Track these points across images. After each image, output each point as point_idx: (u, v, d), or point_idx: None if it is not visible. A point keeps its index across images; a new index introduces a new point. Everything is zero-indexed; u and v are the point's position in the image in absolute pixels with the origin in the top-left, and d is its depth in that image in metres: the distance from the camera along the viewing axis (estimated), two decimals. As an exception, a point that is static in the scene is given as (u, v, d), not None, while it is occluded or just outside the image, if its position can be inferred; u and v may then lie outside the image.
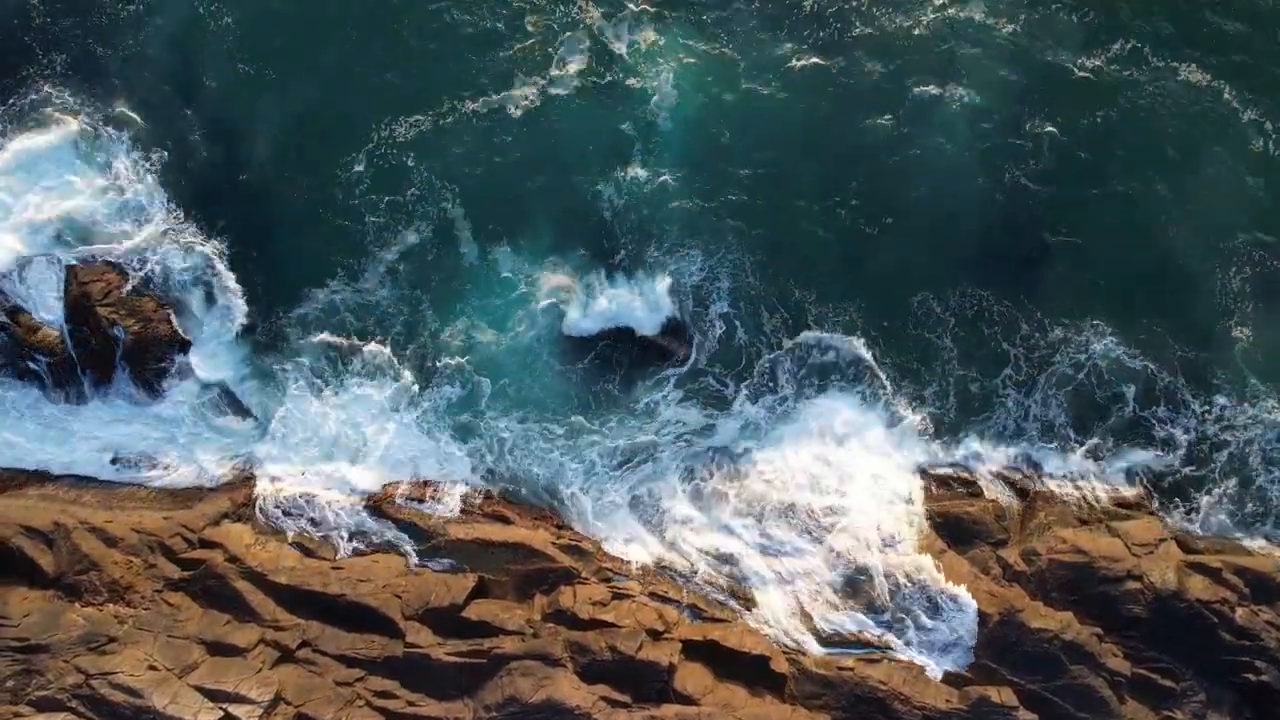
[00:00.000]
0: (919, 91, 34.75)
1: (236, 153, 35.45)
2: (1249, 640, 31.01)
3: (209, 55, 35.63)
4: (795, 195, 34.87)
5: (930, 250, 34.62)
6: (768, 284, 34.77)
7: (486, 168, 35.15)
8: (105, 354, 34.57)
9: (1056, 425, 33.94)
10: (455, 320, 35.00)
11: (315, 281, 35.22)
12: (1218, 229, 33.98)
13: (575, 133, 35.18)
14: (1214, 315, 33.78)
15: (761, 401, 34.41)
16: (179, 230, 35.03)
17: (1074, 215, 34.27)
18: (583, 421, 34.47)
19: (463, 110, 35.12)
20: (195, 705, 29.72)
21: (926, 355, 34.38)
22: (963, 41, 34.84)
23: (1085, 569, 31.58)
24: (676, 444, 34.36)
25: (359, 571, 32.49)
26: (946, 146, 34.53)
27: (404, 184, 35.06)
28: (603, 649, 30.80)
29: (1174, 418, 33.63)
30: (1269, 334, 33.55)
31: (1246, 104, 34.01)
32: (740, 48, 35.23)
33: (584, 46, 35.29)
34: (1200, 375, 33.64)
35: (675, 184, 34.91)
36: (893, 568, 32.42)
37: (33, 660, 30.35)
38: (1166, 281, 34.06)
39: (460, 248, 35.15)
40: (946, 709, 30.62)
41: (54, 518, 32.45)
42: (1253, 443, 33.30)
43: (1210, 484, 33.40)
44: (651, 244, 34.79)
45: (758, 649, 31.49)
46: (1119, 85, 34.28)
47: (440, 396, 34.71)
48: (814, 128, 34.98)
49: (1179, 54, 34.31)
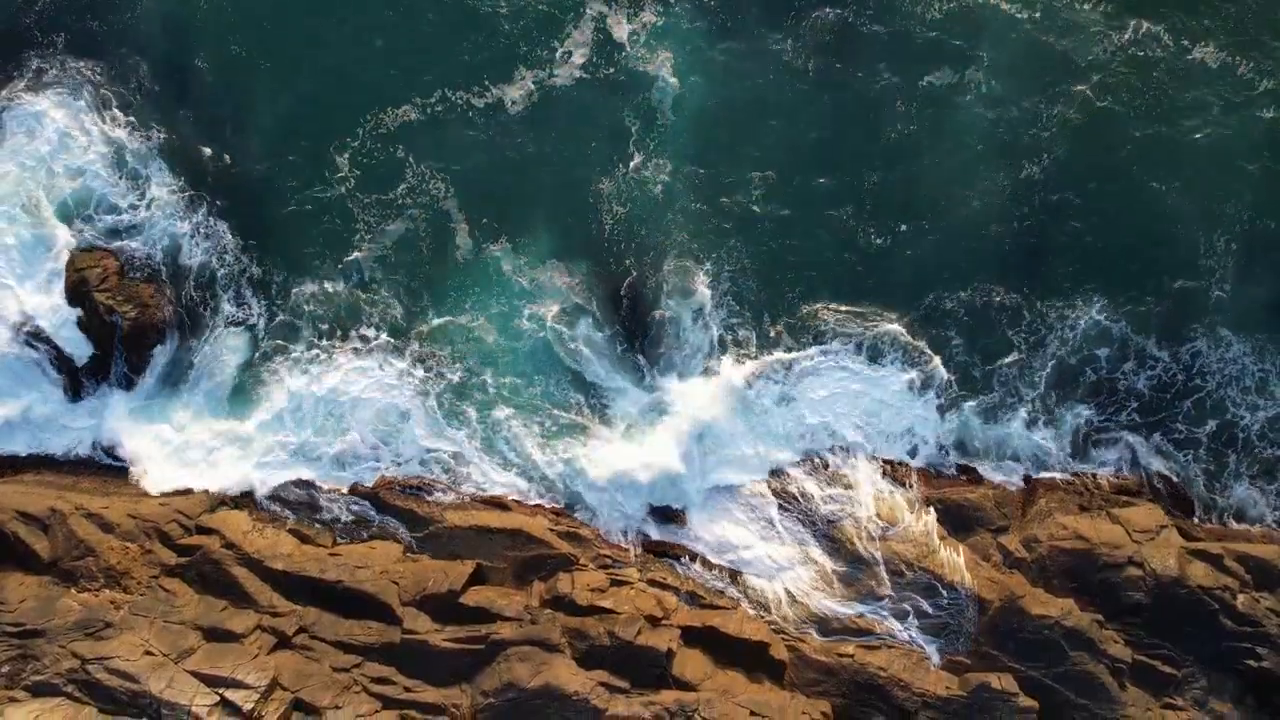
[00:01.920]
0: (928, 80, 34.47)
1: (228, 142, 35.33)
2: (1250, 627, 30.87)
3: (203, 38, 35.44)
4: (800, 188, 34.70)
5: (939, 242, 34.40)
6: (769, 277, 34.62)
7: (484, 160, 34.95)
8: (103, 340, 34.48)
9: (1057, 411, 33.86)
10: (453, 313, 34.85)
11: (310, 271, 35.03)
12: (1229, 219, 33.77)
13: (576, 125, 35.04)
14: (1226, 301, 33.67)
15: (767, 389, 34.29)
16: (170, 218, 34.92)
17: (1083, 205, 34.00)
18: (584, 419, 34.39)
19: (460, 101, 34.93)
20: (191, 690, 29.57)
21: (934, 344, 34.19)
22: (970, 24, 34.63)
23: (1086, 556, 31.47)
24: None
25: (356, 558, 32.37)
26: (955, 134, 34.45)
27: (397, 177, 34.84)
28: (601, 635, 30.69)
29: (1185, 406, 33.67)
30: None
31: (1263, 76, 33.65)
32: (745, 36, 35.02)
33: (586, 33, 35.10)
34: (1207, 360, 33.56)
35: (677, 179, 34.75)
36: (894, 554, 32.31)
37: (29, 645, 30.24)
38: (1174, 269, 33.84)
39: (457, 240, 34.94)
40: (946, 695, 30.49)
41: (50, 503, 32.34)
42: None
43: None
44: (652, 255, 34.66)
45: (757, 635, 31.37)
46: (1133, 67, 34.04)
47: (440, 391, 34.56)
48: (820, 114, 34.85)
49: (1192, 33, 34.01)
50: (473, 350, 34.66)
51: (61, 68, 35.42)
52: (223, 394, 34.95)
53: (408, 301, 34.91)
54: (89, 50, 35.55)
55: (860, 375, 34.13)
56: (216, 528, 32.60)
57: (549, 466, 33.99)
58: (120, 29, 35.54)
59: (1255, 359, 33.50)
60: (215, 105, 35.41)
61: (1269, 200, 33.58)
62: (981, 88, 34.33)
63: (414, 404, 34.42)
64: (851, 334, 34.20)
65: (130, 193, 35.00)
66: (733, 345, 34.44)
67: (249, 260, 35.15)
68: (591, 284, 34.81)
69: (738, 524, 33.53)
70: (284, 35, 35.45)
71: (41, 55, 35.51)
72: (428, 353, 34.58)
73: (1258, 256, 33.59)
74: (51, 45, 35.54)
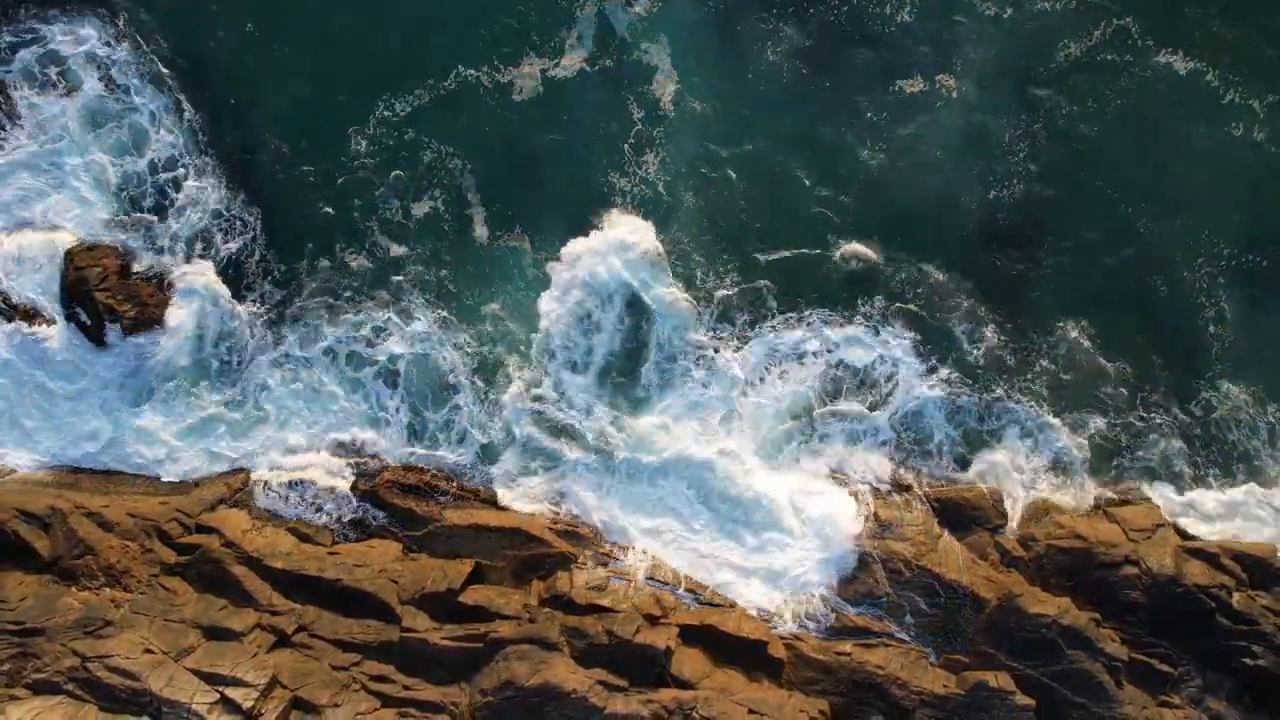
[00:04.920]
0: (909, 77, 34.81)
1: (240, 131, 35.41)
2: (1246, 625, 30.97)
3: (220, 19, 35.51)
4: (789, 183, 34.92)
5: (934, 239, 34.71)
6: (760, 271, 34.81)
7: (495, 147, 35.07)
8: (101, 339, 34.46)
9: (1046, 421, 33.98)
10: (462, 305, 35.02)
11: (324, 259, 35.20)
12: (1202, 220, 34.04)
13: (578, 116, 35.13)
14: (1197, 310, 33.92)
15: (759, 391, 34.39)
16: (186, 204, 35.14)
17: (1059, 209, 34.28)
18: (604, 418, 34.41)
19: (470, 86, 34.97)
20: (191, 688, 29.64)
21: (922, 348, 34.36)
22: (950, 26, 34.85)
23: (1083, 554, 31.58)
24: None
25: (355, 557, 32.47)
26: (939, 135, 34.69)
27: (409, 164, 34.97)
28: (600, 633, 30.77)
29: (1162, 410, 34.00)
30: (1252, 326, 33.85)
31: (1229, 86, 34.04)
32: (743, 27, 35.10)
33: (589, 23, 35.16)
34: (1186, 371, 33.96)
35: (674, 172, 34.93)
36: (891, 554, 32.39)
37: (29, 644, 30.31)
38: (1147, 274, 34.07)
39: (473, 230, 35.02)
40: (944, 693, 30.57)
41: (50, 502, 32.45)
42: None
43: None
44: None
45: (755, 634, 31.45)
46: (1103, 71, 34.28)
47: (440, 386, 34.70)
48: (809, 115, 35.11)
49: (1163, 38, 34.23)
50: (477, 341, 34.85)
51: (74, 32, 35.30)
52: (223, 389, 35.00)
53: (418, 294, 35.02)
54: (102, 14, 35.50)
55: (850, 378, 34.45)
56: (216, 526, 32.68)
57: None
58: (134, 10, 35.47)
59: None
60: (220, 95, 35.50)
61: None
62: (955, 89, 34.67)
63: (417, 399, 34.59)
64: (836, 339, 34.44)
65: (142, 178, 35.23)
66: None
67: (260, 252, 35.30)
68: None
69: (736, 522, 33.66)
70: (291, 26, 35.55)
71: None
72: (435, 346, 34.64)
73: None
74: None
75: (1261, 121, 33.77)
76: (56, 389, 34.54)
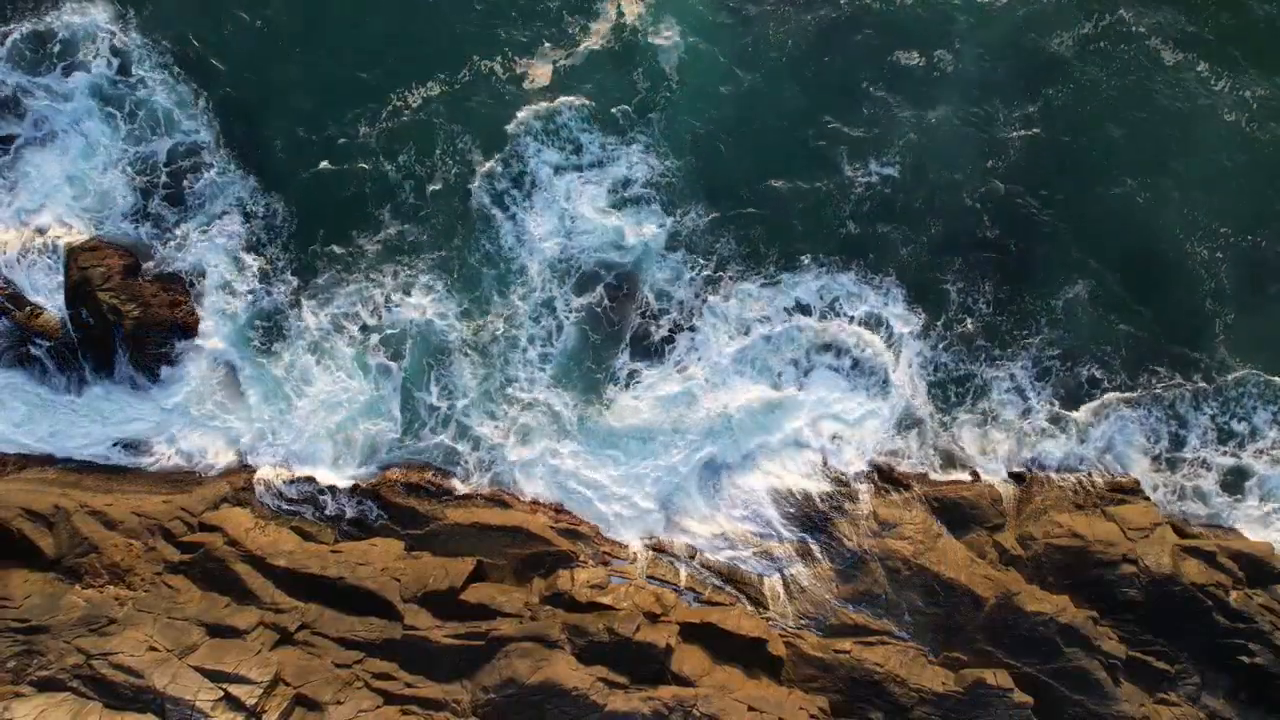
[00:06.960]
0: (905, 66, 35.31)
1: (248, 126, 35.58)
2: (1243, 623, 31.18)
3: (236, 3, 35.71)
4: (789, 170, 35.28)
5: (932, 233, 35.00)
6: (764, 256, 35.11)
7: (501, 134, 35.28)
8: (106, 339, 34.65)
9: (1048, 409, 34.17)
10: (467, 301, 35.16)
11: (332, 256, 35.35)
12: (1201, 211, 34.42)
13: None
14: (1199, 296, 34.28)
15: (759, 390, 34.56)
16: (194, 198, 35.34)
17: (1059, 197, 34.63)
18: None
19: (480, 74, 35.27)
20: (195, 686, 29.81)
21: (925, 337, 34.59)
22: (946, 17, 35.27)
23: (1081, 553, 31.74)
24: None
25: (358, 555, 32.62)
26: (941, 124, 35.00)
27: (416, 154, 35.14)
28: (600, 631, 30.95)
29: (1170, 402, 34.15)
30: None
31: (1220, 77, 34.56)
32: (751, 14, 35.51)
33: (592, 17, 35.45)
34: (1186, 355, 34.22)
35: (675, 166, 35.12)
36: (890, 553, 32.54)
37: (34, 641, 30.48)
38: (1151, 261, 34.42)
39: (477, 224, 35.18)
40: (943, 691, 30.75)
41: (54, 501, 32.62)
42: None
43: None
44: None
45: (755, 632, 31.61)
46: (1100, 61, 34.69)
47: (440, 384, 34.87)
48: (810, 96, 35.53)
49: (1160, 29, 34.64)
50: (481, 337, 34.96)
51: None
52: (228, 388, 35.19)
53: (424, 290, 35.14)
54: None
55: (848, 375, 34.80)
56: (219, 525, 32.83)
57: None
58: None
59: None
60: (230, 88, 35.63)
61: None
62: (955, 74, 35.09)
63: (419, 397, 34.78)
64: (839, 332, 34.72)
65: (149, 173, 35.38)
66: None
67: (266, 247, 35.44)
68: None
69: (736, 521, 33.82)
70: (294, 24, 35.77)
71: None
72: (440, 342, 34.81)
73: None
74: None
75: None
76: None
